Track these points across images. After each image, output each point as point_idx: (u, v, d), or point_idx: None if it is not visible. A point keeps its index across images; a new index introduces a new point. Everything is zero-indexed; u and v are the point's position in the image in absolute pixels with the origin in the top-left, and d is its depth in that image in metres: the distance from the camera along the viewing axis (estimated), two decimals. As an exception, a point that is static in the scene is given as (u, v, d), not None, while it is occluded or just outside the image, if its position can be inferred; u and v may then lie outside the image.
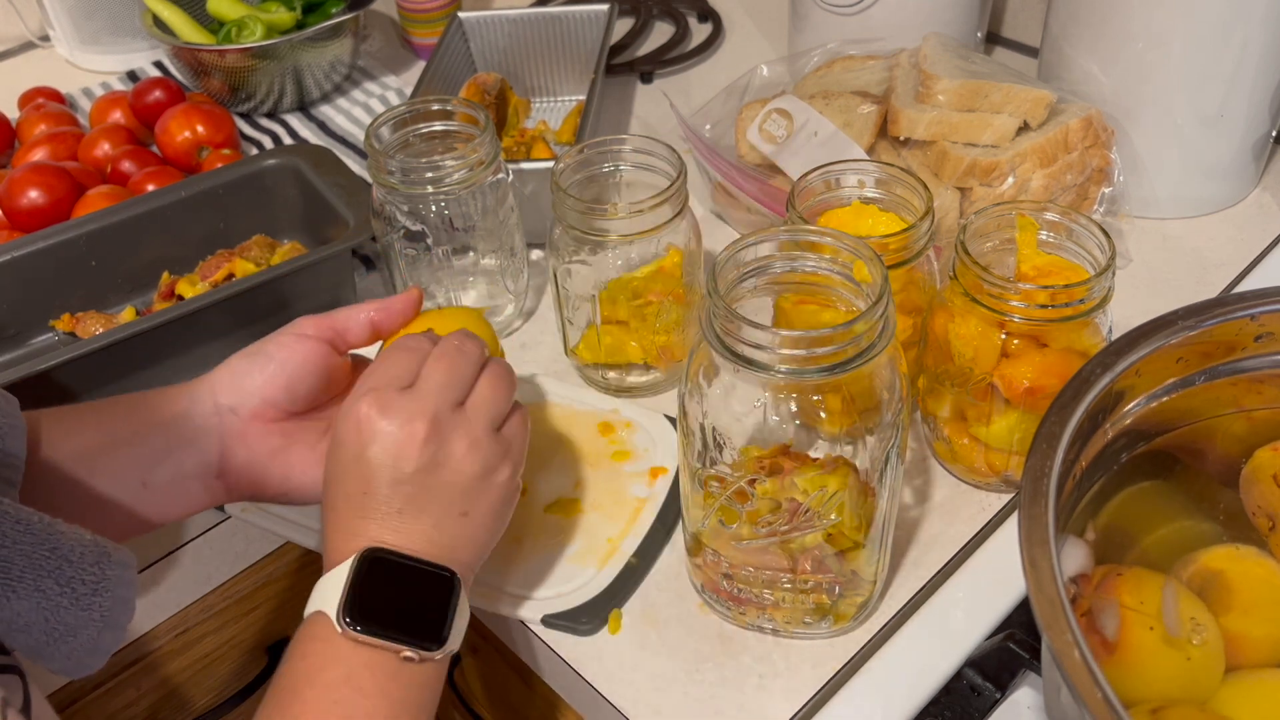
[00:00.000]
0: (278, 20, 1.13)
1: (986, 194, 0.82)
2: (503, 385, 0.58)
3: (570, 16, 1.11)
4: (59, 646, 0.46)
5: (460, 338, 0.59)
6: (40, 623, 0.45)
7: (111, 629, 0.48)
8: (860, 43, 0.98)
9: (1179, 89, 0.86)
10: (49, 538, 0.46)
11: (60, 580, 0.46)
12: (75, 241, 0.85)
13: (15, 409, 0.54)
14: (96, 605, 0.47)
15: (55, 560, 0.46)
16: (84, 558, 0.47)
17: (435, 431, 0.54)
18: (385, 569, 0.52)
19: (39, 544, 0.45)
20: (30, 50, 1.33)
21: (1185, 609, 0.52)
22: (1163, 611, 0.52)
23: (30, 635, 0.45)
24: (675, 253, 0.73)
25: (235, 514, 0.71)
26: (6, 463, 0.52)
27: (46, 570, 0.45)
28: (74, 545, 0.47)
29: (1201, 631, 0.51)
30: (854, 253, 0.54)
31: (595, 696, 0.62)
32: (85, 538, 0.47)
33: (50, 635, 0.46)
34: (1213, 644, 0.53)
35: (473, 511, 0.56)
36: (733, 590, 0.62)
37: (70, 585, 0.46)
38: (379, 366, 0.57)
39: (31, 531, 0.45)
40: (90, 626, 0.47)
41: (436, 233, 0.80)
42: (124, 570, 0.48)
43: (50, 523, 0.46)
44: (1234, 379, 0.58)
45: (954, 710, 0.60)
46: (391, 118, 0.79)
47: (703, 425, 0.56)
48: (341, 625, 0.50)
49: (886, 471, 0.56)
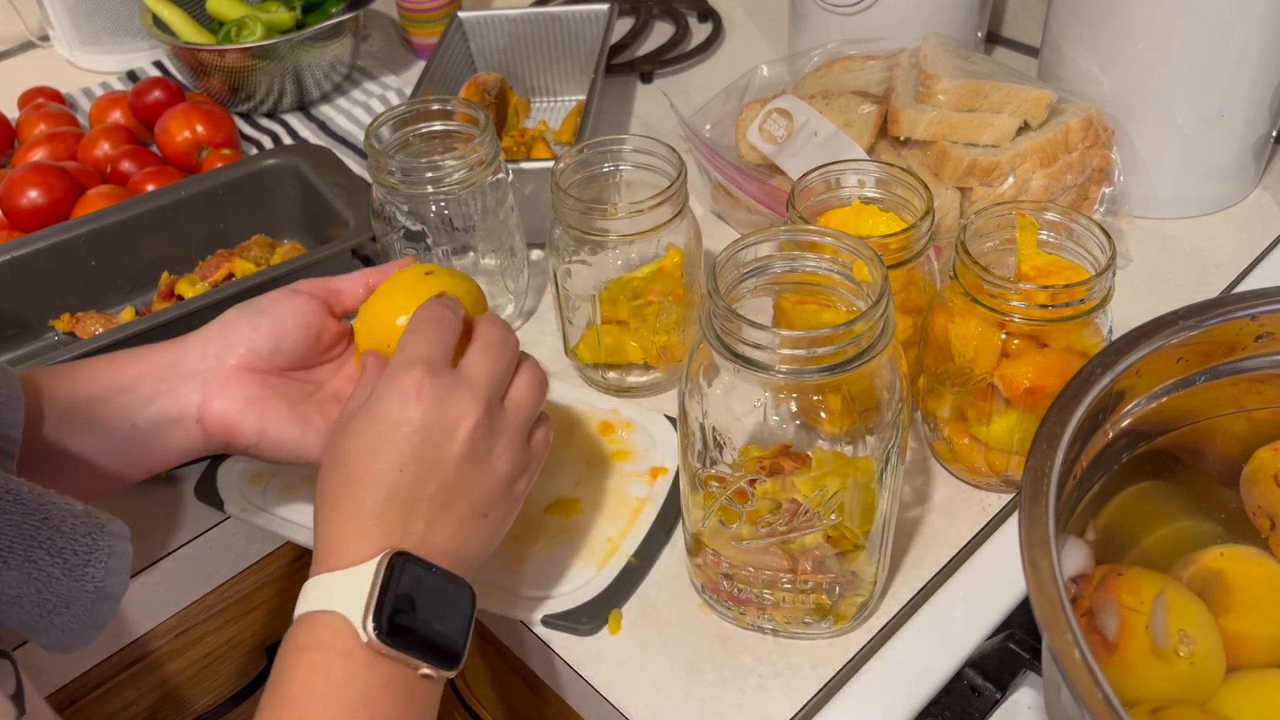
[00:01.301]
0: (278, 20, 1.13)
1: (986, 194, 0.82)
2: (538, 387, 0.57)
3: (570, 16, 1.11)
4: (52, 619, 0.46)
5: (502, 327, 0.57)
6: (32, 594, 0.45)
7: (105, 600, 0.47)
8: (860, 43, 0.98)
9: (1179, 89, 0.86)
10: (39, 508, 0.45)
11: (52, 551, 0.45)
12: (75, 241, 0.85)
13: (13, 380, 0.54)
14: (89, 576, 0.46)
15: (46, 530, 0.45)
16: (75, 528, 0.46)
17: (486, 420, 0.53)
18: (414, 576, 0.50)
19: (29, 514, 0.45)
20: (30, 50, 1.33)
21: (1174, 620, 0.51)
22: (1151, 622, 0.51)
23: (22, 608, 0.45)
24: (675, 253, 0.73)
25: (235, 514, 0.71)
26: (3, 434, 0.52)
27: (38, 541, 0.45)
28: (65, 516, 0.46)
29: (1189, 644, 0.51)
30: (854, 253, 0.54)
31: (595, 697, 0.62)
32: (77, 508, 0.47)
33: (43, 607, 0.45)
34: (1210, 647, 0.53)
35: (492, 515, 0.54)
36: (733, 590, 0.62)
37: (62, 555, 0.45)
38: (419, 337, 0.54)
39: (21, 501, 0.45)
40: (84, 598, 0.46)
41: (436, 233, 0.80)
42: (117, 541, 0.48)
43: (41, 493, 0.46)
44: (1234, 379, 0.58)
45: (954, 710, 0.60)
46: (391, 118, 0.79)
47: (703, 425, 0.56)
48: (368, 634, 0.47)
49: (886, 471, 0.56)
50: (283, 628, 0.86)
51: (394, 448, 0.51)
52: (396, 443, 0.51)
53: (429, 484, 0.51)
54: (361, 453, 0.52)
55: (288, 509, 0.71)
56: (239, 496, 0.72)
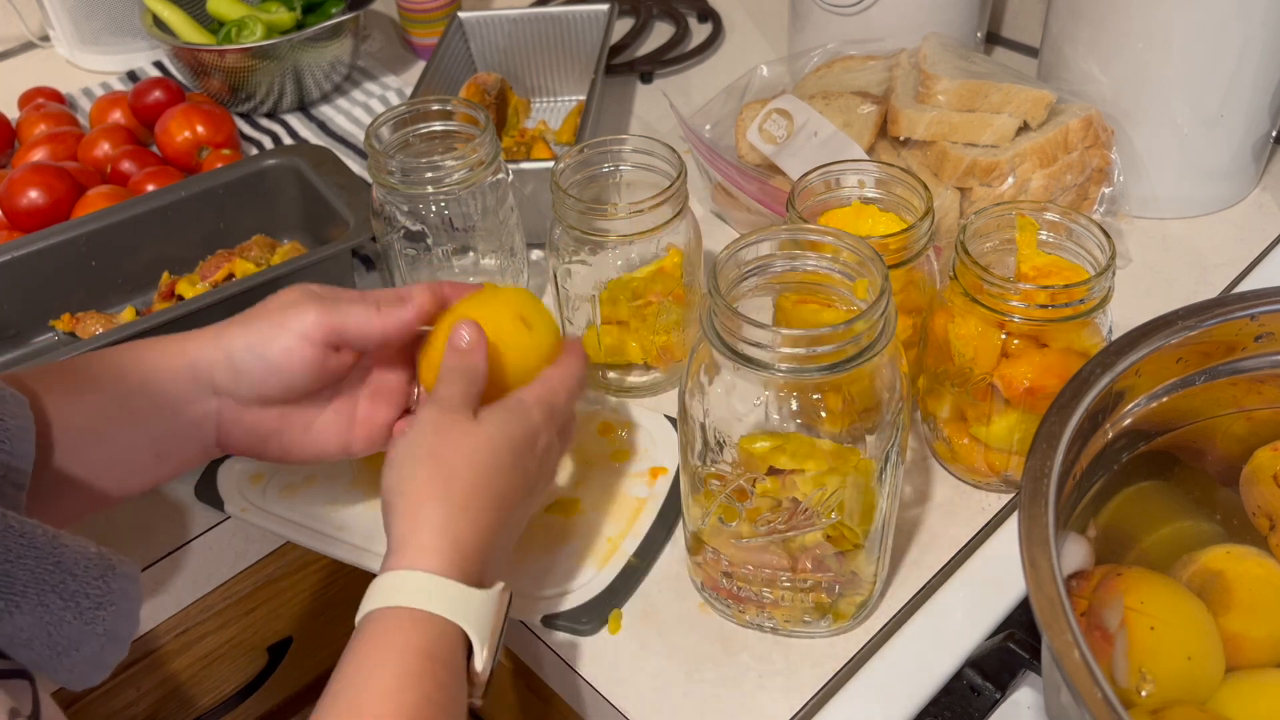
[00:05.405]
0: (278, 20, 1.13)
1: (986, 194, 0.82)
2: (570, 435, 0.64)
3: (570, 16, 1.11)
4: (62, 660, 0.46)
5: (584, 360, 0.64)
6: (43, 637, 0.45)
7: (115, 642, 0.47)
8: (860, 43, 0.98)
9: (1179, 89, 0.86)
10: (53, 551, 0.45)
11: (64, 595, 0.45)
12: (75, 241, 0.85)
13: (25, 409, 0.53)
14: (100, 619, 0.46)
15: (59, 574, 0.45)
16: (88, 571, 0.46)
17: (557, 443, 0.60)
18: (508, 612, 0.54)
19: (43, 558, 0.45)
20: (30, 50, 1.33)
21: (1134, 659, 0.51)
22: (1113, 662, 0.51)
23: (33, 650, 0.45)
24: (675, 253, 0.73)
25: (235, 514, 0.71)
26: (14, 466, 0.51)
27: (50, 585, 0.45)
28: (78, 559, 0.46)
29: (1149, 684, 0.51)
30: (854, 252, 0.54)
31: (595, 696, 0.62)
32: (89, 550, 0.47)
33: (53, 650, 0.45)
34: (1209, 647, 0.53)
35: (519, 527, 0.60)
36: (732, 589, 0.62)
37: (74, 599, 0.45)
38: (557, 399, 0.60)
39: (35, 545, 0.45)
40: (94, 640, 0.46)
41: (436, 233, 0.80)
42: (128, 584, 0.48)
43: (54, 535, 0.46)
44: (1234, 379, 0.58)
45: (954, 710, 0.60)
46: (391, 118, 0.79)
47: (703, 424, 0.56)
48: (486, 666, 0.51)
49: (886, 471, 0.56)
50: (283, 628, 0.86)
51: (512, 460, 0.55)
52: (515, 457, 0.56)
53: (515, 492, 0.56)
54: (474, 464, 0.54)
55: (288, 509, 0.71)
56: (239, 496, 0.72)
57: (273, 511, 0.71)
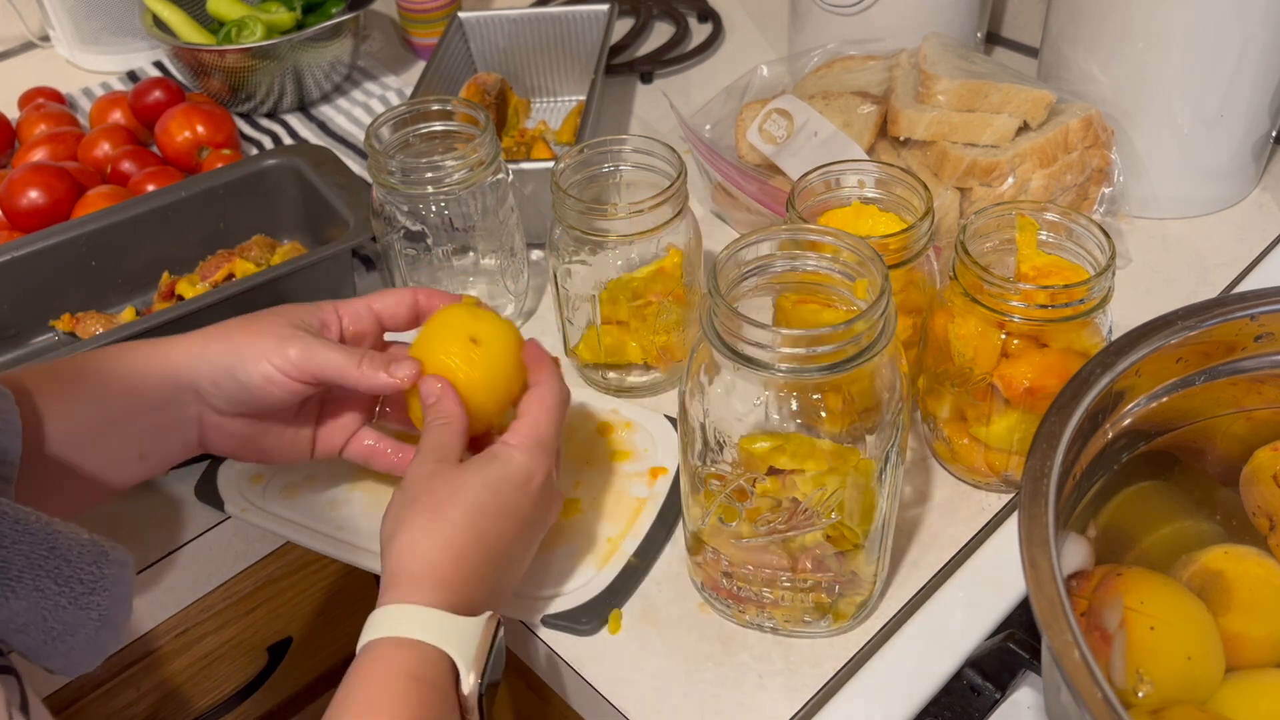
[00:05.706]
0: (278, 20, 1.13)
1: (986, 194, 0.82)
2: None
3: (570, 16, 1.11)
4: (57, 646, 0.46)
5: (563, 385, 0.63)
6: (39, 622, 0.45)
7: (109, 628, 0.48)
8: (860, 43, 0.98)
9: (1179, 89, 0.86)
10: (47, 537, 0.46)
11: (58, 580, 0.46)
12: (75, 241, 0.85)
13: (10, 403, 0.54)
14: (94, 604, 0.47)
15: (53, 560, 0.46)
16: (82, 557, 0.47)
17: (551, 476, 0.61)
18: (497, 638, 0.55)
19: (37, 543, 0.46)
20: (30, 50, 1.33)
21: (1132, 659, 0.51)
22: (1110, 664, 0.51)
23: (28, 635, 0.46)
24: (675, 253, 0.73)
25: (235, 514, 0.71)
26: (3, 459, 0.52)
27: (45, 570, 0.45)
28: (72, 544, 0.47)
29: (1147, 685, 0.51)
30: (854, 252, 0.54)
31: (595, 696, 0.62)
32: (83, 537, 0.48)
33: (48, 635, 0.46)
34: (1209, 647, 0.53)
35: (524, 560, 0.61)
36: (732, 588, 0.62)
37: (68, 584, 0.46)
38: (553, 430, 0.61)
39: (29, 531, 0.45)
40: (88, 625, 0.47)
41: (436, 233, 0.80)
42: (122, 569, 0.49)
43: (48, 522, 0.47)
44: (1234, 379, 0.58)
45: (954, 710, 0.60)
46: (391, 118, 0.79)
47: (703, 424, 0.56)
48: (478, 689, 0.52)
49: (886, 471, 0.56)
50: (283, 628, 0.86)
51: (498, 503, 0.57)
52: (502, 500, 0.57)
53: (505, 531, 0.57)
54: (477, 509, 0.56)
55: (288, 509, 0.71)
56: (239, 496, 0.72)
57: (273, 511, 0.71)
